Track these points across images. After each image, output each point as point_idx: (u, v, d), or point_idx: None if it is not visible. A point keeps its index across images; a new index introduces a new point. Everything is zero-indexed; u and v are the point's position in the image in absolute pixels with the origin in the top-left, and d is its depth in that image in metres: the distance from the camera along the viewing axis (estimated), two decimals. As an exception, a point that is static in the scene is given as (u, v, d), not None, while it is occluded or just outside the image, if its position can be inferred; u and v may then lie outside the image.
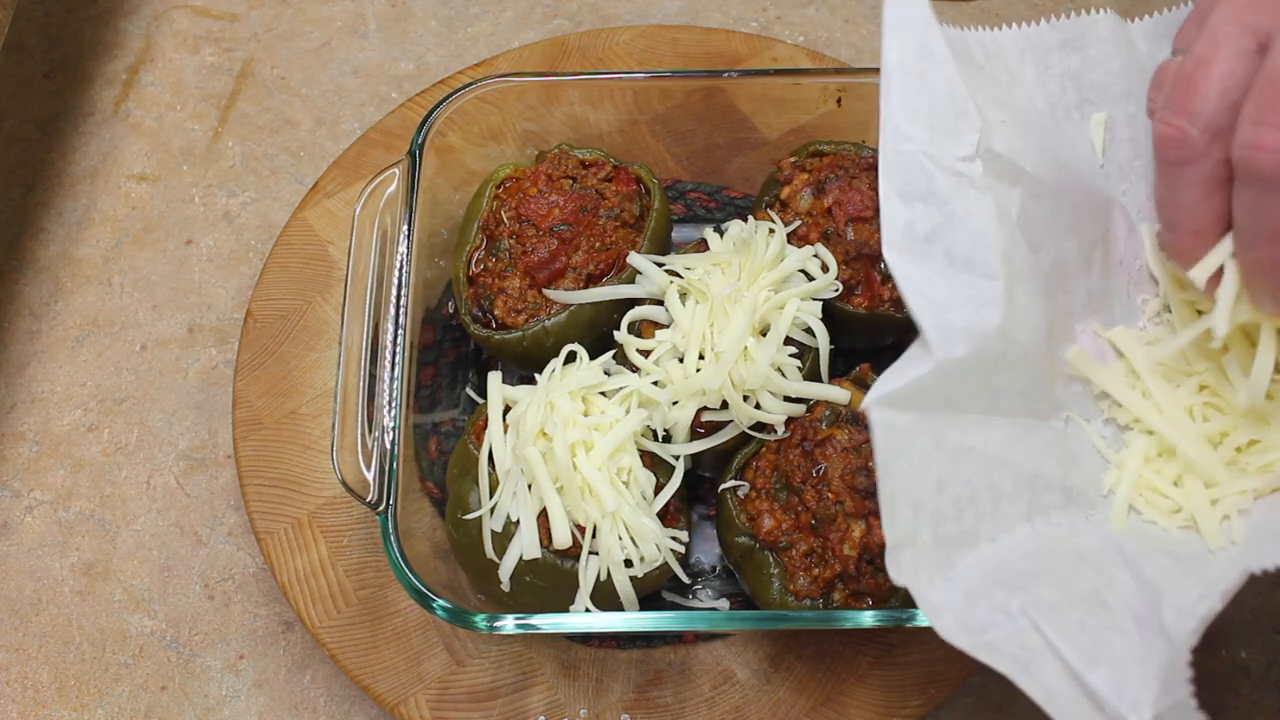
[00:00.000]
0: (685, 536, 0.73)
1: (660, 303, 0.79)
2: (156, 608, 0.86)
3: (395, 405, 0.74)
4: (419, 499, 0.81)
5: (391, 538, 0.70)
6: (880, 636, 0.78)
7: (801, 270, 0.78)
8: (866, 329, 0.82)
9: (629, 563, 0.70)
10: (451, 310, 0.90)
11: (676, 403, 0.74)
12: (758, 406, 0.74)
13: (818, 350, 0.77)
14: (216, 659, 0.84)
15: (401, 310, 0.77)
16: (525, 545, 0.69)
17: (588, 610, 0.70)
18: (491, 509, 0.71)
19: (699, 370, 0.74)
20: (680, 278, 0.78)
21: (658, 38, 1.02)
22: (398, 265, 0.78)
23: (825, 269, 0.79)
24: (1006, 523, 0.61)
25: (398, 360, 0.75)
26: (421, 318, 0.83)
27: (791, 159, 0.86)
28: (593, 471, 0.69)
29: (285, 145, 1.06)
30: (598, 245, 0.82)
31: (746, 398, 0.74)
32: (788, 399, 0.75)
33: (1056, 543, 0.62)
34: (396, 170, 0.81)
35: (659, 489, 0.73)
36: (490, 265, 0.83)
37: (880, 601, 0.71)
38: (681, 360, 0.75)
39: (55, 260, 1.00)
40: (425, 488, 0.83)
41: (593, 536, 0.69)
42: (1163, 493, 0.66)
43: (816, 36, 1.11)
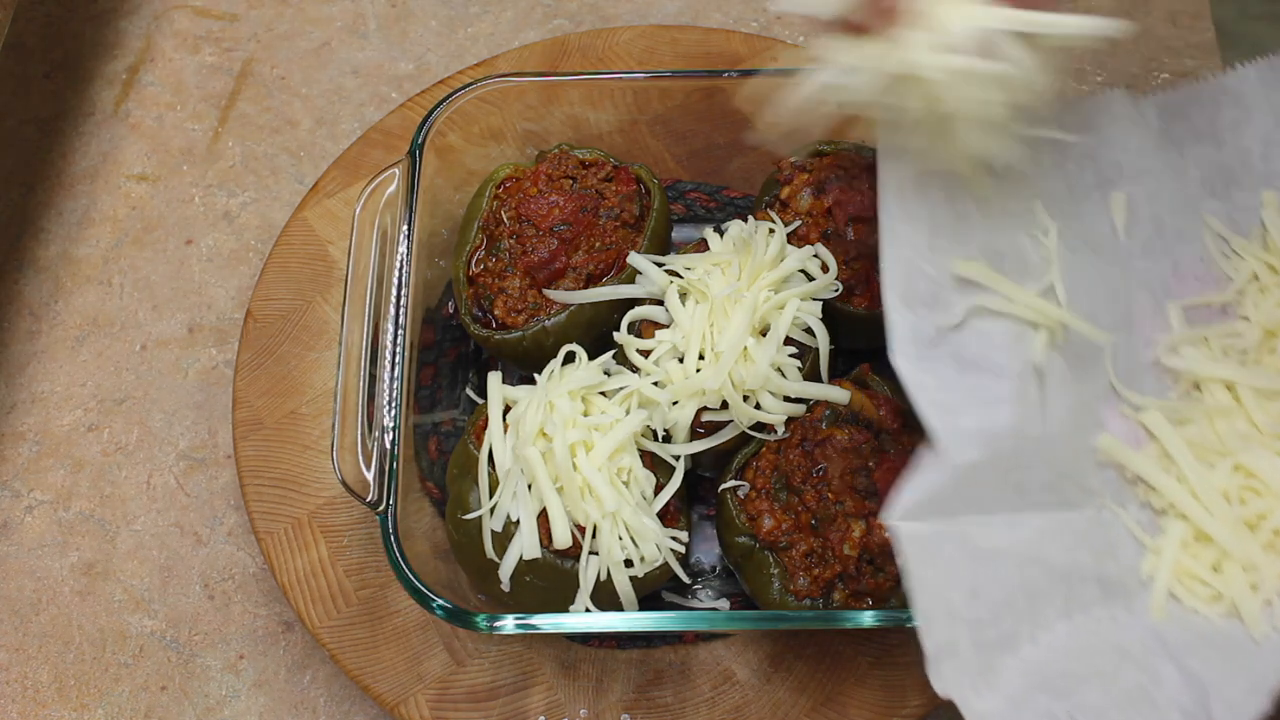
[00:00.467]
0: (685, 536, 0.73)
1: (660, 303, 0.79)
2: (156, 608, 0.86)
3: (395, 405, 0.74)
4: (419, 499, 0.81)
5: (391, 538, 0.70)
6: (880, 636, 0.78)
7: (801, 270, 0.78)
8: (866, 329, 0.82)
9: (629, 563, 0.70)
10: (451, 310, 0.90)
11: (676, 403, 0.74)
12: (758, 406, 0.74)
13: (818, 350, 0.77)
14: (216, 659, 0.84)
15: (401, 310, 0.77)
16: (525, 545, 0.69)
17: (588, 610, 0.70)
18: (491, 509, 0.71)
19: (699, 370, 0.74)
20: (680, 278, 0.78)
21: (658, 38, 1.02)
22: (398, 265, 0.78)
23: (825, 269, 0.79)
24: (1045, 621, 0.60)
25: (398, 360, 0.75)
26: (421, 318, 0.83)
27: (791, 159, 0.86)
28: (593, 472, 0.69)
29: (285, 145, 1.06)
30: (598, 245, 0.82)
31: (746, 398, 0.74)
32: (788, 399, 0.75)
33: (1098, 638, 0.61)
34: (396, 170, 0.81)
35: (659, 489, 0.73)
36: (490, 265, 0.83)
37: (880, 601, 0.71)
38: (681, 360, 0.75)
39: (55, 260, 1.00)
40: (425, 488, 0.83)
41: (593, 536, 0.69)
42: (1202, 580, 0.64)
43: (816, 36, 1.11)
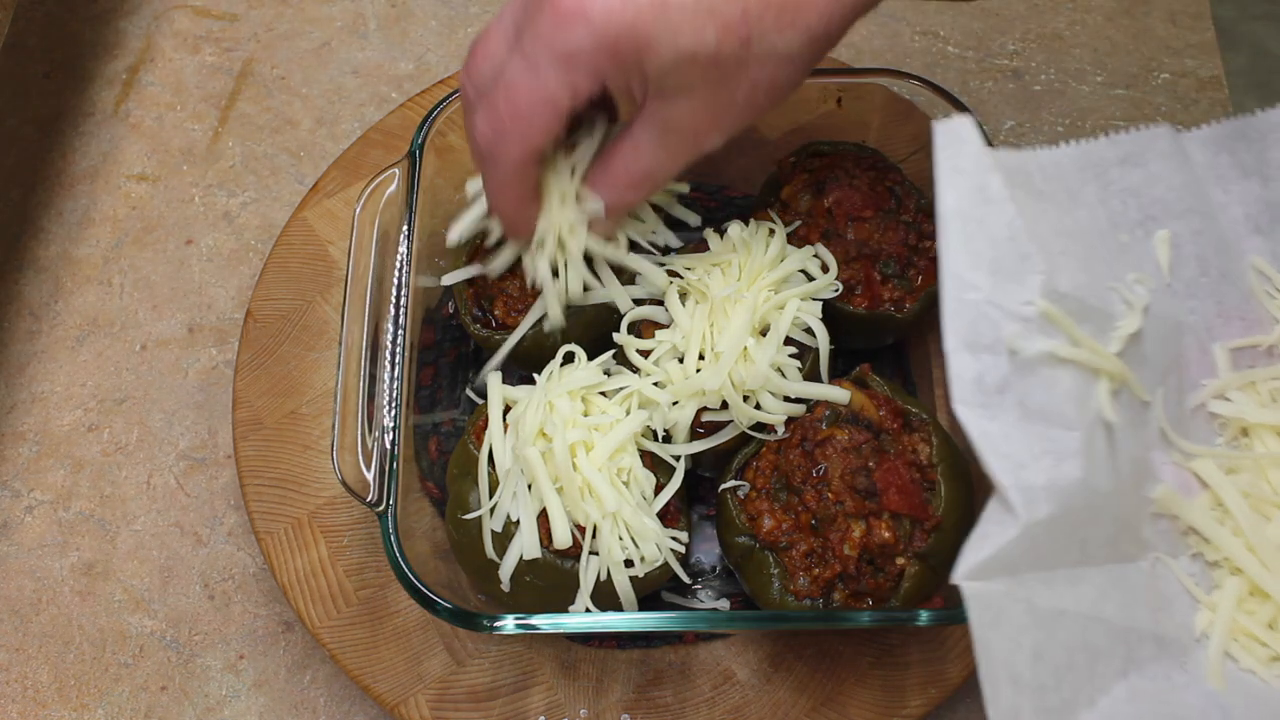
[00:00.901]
0: (685, 536, 0.73)
1: (660, 303, 0.79)
2: (156, 608, 0.86)
3: (395, 405, 0.74)
4: (419, 499, 0.81)
5: (391, 538, 0.70)
6: (880, 636, 0.78)
7: (801, 270, 0.78)
8: (866, 329, 0.82)
9: (629, 563, 0.70)
10: (451, 310, 0.90)
11: (676, 403, 0.74)
12: (758, 407, 0.74)
13: (818, 350, 0.77)
14: (216, 659, 0.84)
15: (401, 310, 0.77)
16: (525, 545, 0.69)
17: (588, 610, 0.70)
18: (491, 509, 0.71)
19: (699, 370, 0.74)
20: (680, 278, 0.78)
21: (658, 38, 1.02)
22: (398, 265, 0.78)
23: (825, 269, 0.79)
24: (1104, 683, 0.59)
25: (398, 360, 0.75)
26: (421, 318, 0.83)
27: (791, 159, 0.86)
28: (593, 472, 0.69)
29: (285, 145, 1.06)
30: (598, 245, 0.82)
31: (746, 398, 0.74)
32: (788, 399, 0.75)
33: (1156, 703, 0.60)
34: (396, 170, 0.81)
35: (659, 489, 0.73)
36: (490, 265, 0.83)
37: (880, 601, 0.71)
38: (681, 360, 0.75)
39: (55, 260, 1.00)
40: (425, 488, 0.83)
41: (593, 537, 0.69)
42: (1259, 639, 0.63)
43: (816, 36, 1.10)
